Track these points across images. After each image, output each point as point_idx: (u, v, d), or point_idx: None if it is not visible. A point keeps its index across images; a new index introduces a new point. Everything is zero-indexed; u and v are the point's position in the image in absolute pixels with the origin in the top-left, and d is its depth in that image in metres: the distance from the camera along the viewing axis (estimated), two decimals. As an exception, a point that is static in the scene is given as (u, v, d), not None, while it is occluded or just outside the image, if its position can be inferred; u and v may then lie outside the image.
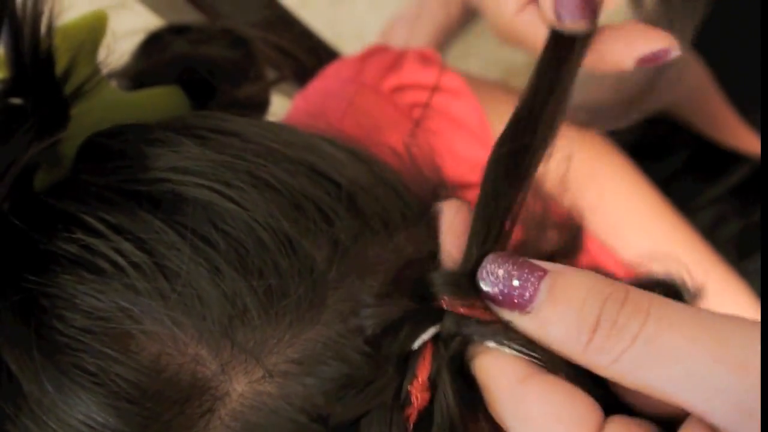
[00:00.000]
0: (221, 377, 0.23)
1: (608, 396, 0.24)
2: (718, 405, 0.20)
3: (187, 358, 0.23)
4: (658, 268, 0.28)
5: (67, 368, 0.23)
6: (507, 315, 0.23)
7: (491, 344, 0.24)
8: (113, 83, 0.32)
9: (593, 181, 0.52)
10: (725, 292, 0.51)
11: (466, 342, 0.24)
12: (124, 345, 0.23)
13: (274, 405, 0.23)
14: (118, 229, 0.24)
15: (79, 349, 0.23)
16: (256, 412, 0.23)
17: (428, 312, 0.24)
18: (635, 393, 0.24)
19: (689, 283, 0.27)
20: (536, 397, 0.22)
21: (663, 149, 0.71)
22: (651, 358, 0.21)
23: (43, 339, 0.23)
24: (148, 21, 0.42)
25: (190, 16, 0.46)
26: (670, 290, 0.27)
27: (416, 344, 0.24)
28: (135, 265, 0.23)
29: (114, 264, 0.24)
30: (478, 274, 0.24)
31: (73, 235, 0.24)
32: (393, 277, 0.25)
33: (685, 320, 0.21)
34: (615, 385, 0.24)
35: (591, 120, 0.50)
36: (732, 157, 0.67)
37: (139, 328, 0.23)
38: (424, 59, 0.48)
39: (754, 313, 0.51)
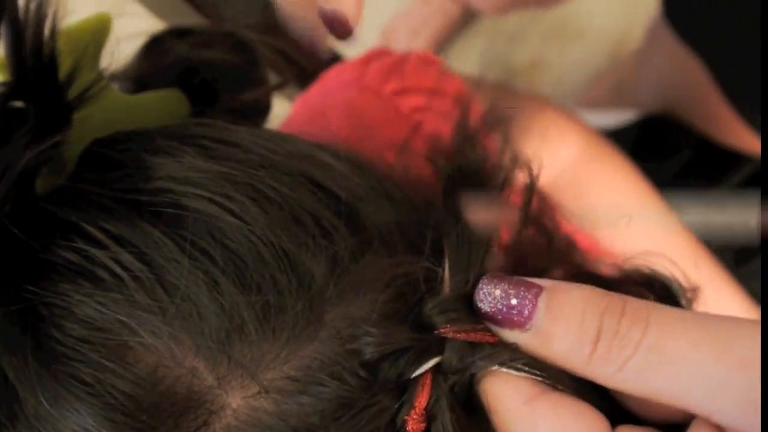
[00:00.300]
0: (217, 391, 0.23)
1: (613, 407, 0.24)
2: (723, 403, 0.21)
3: (184, 370, 0.23)
4: (652, 266, 0.28)
5: (63, 378, 0.23)
6: (508, 334, 0.24)
7: (495, 367, 0.24)
8: (115, 86, 0.32)
9: (592, 181, 0.52)
10: (718, 296, 0.51)
11: (468, 372, 0.24)
12: (121, 356, 0.23)
13: (269, 422, 0.23)
14: (118, 240, 0.24)
15: (75, 359, 0.23)
16: (251, 428, 0.23)
17: (429, 342, 0.24)
18: (640, 401, 0.24)
19: (683, 281, 0.27)
20: (545, 416, 0.23)
21: (664, 151, 0.71)
22: (655, 363, 0.21)
23: (41, 348, 0.23)
24: (149, 24, 0.42)
25: (192, 19, 0.46)
26: (664, 287, 0.27)
27: (416, 373, 0.24)
28: (134, 277, 0.23)
29: (113, 275, 0.24)
30: (475, 296, 0.24)
31: (73, 244, 0.24)
32: (392, 297, 0.25)
33: (685, 325, 0.22)
34: (619, 395, 0.25)
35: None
36: (734, 158, 0.67)
37: (137, 340, 0.23)
38: (426, 63, 0.48)
39: (746, 314, 0.52)
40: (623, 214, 0.51)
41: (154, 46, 0.36)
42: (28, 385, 0.23)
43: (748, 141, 0.66)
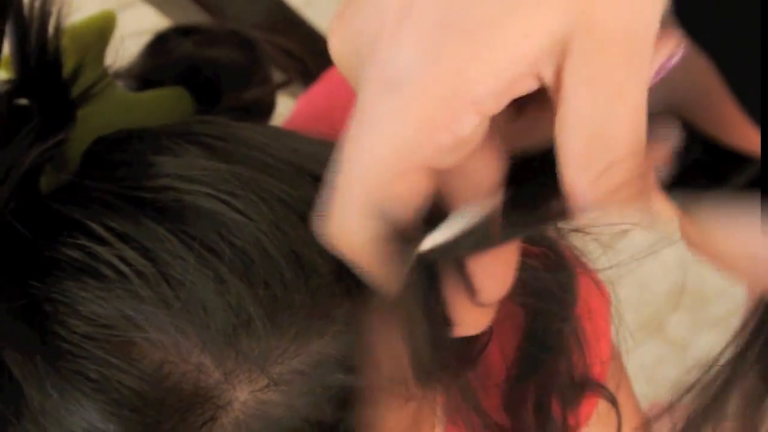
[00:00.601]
0: (224, 386, 0.23)
1: None
2: None
3: (190, 366, 0.23)
4: None
5: (68, 374, 0.23)
6: None
7: None
8: (119, 84, 0.32)
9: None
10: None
11: None
12: (127, 353, 0.23)
13: (277, 414, 0.23)
14: (122, 237, 0.24)
15: (81, 356, 0.23)
16: (260, 421, 0.23)
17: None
18: None
19: None
20: None
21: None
22: None
23: (46, 345, 0.24)
24: (154, 22, 0.42)
25: (197, 17, 0.46)
26: None
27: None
28: (138, 273, 0.23)
29: (117, 271, 0.24)
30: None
31: (77, 241, 0.24)
32: None
33: None
34: None
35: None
36: (737, 160, 0.67)
37: (142, 336, 0.23)
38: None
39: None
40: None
41: (159, 44, 0.36)
42: (33, 382, 0.23)
43: (755, 143, 0.66)
